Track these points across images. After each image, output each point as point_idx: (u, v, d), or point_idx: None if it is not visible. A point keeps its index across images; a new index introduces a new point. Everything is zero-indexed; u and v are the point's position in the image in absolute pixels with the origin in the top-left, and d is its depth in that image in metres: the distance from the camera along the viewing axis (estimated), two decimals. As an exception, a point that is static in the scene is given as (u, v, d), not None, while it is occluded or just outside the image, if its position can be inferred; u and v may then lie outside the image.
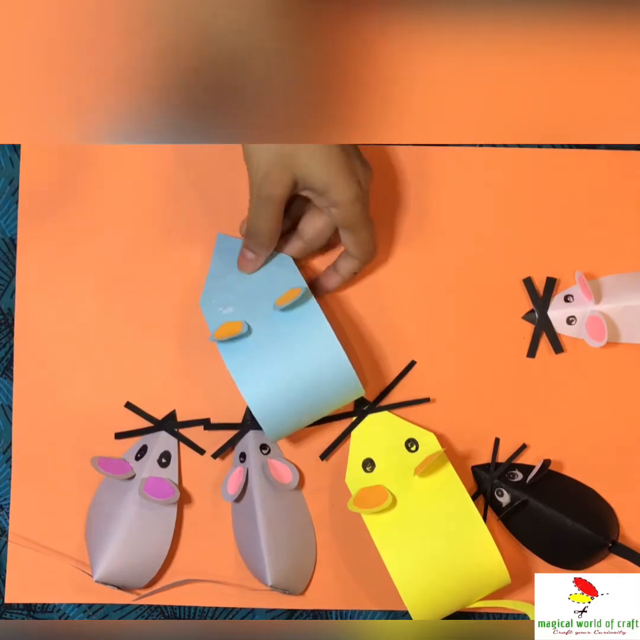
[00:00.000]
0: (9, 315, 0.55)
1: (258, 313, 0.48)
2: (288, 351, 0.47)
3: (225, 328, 0.47)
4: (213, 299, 0.50)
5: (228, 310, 0.49)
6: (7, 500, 0.54)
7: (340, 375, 0.47)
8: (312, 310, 0.47)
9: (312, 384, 0.47)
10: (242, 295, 0.49)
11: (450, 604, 0.50)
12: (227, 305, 0.49)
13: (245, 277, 0.51)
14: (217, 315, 0.49)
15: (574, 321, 0.55)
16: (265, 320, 0.47)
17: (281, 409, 0.47)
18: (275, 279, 0.50)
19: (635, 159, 0.56)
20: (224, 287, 0.50)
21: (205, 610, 0.54)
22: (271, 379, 0.46)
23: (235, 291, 0.50)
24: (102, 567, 0.51)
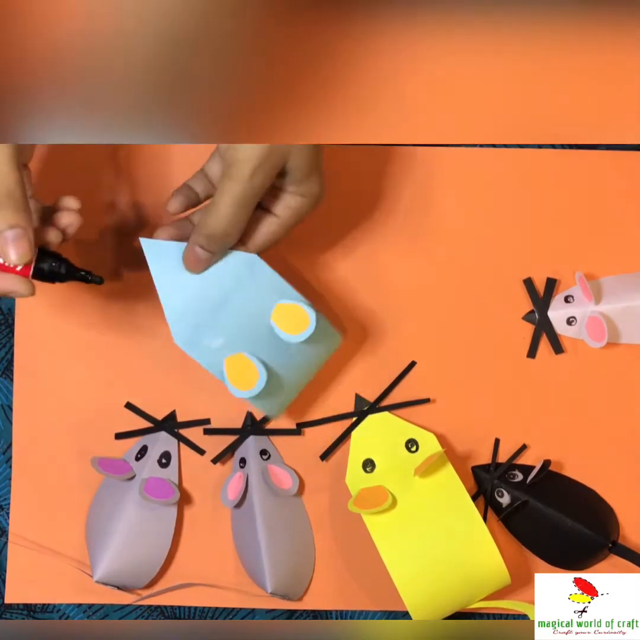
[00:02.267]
0: (9, 315, 0.55)
1: (256, 343, 0.46)
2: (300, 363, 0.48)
3: (237, 374, 0.45)
4: (191, 335, 0.45)
5: (217, 343, 0.45)
6: (7, 500, 0.54)
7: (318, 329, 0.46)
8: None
9: (306, 364, 0.49)
10: (226, 319, 0.45)
11: (450, 604, 0.50)
12: (212, 337, 0.45)
13: (211, 292, 0.45)
14: (208, 353, 0.45)
15: (574, 322, 0.55)
16: (269, 351, 0.46)
17: (282, 396, 0.49)
18: (256, 289, 0.46)
19: (635, 159, 0.56)
20: (194, 311, 0.45)
21: (205, 610, 0.54)
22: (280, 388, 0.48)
23: (213, 313, 0.45)
24: (102, 567, 0.51)
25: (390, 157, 0.55)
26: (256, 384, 0.45)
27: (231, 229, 0.43)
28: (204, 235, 0.44)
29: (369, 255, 0.55)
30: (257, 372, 0.45)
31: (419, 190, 0.56)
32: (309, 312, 0.45)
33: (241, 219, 0.43)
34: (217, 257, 0.45)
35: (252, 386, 0.45)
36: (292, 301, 0.45)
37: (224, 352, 0.45)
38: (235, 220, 0.43)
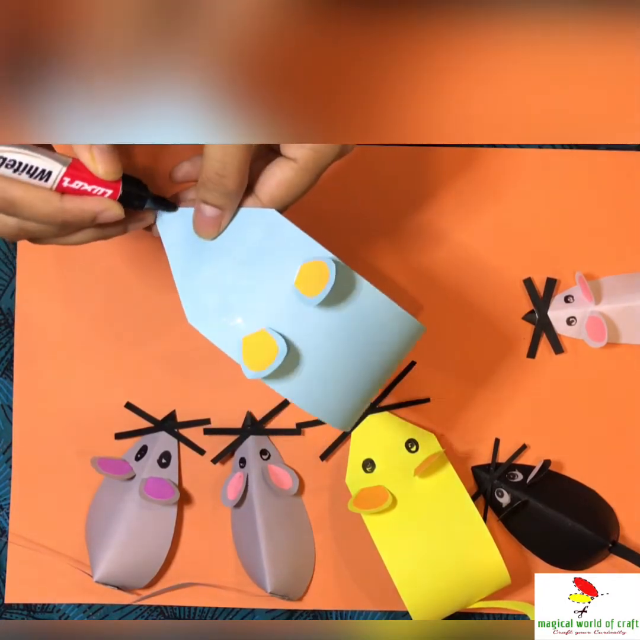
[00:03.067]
0: (9, 315, 0.55)
1: (279, 313, 0.37)
2: (348, 343, 0.38)
3: (253, 354, 0.37)
4: (205, 312, 0.38)
5: (236, 322, 0.37)
6: (7, 500, 0.54)
7: (405, 331, 0.40)
8: (358, 285, 0.38)
9: (379, 361, 0.39)
10: (244, 293, 0.38)
11: (450, 604, 0.50)
12: (229, 313, 0.38)
13: (227, 262, 0.38)
14: (225, 331, 0.38)
15: (574, 322, 0.55)
16: (294, 322, 0.37)
17: (351, 404, 0.40)
18: (274, 252, 0.38)
19: (635, 159, 0.56)
20: (210, 289, 0.38)
21: (205, 610, 0.55)
22: (329, 385, 0.38)
23: (229, 289, 0.38)
24: (102, 567, 0.51)
25: (390, 157, 0.55)
26: (273, 361, 0.36)
27: (226, 170, 0.36)
28: (201, 184, 0.37)
29: (368, 255, 0.55)
30: (277, 348, 0.36)
31: (418, 190, 0.56)
32: (330, 267, 0.36)
33: (237, 156, 0.36)
34: (227, 213, 0.38)
35: (268, 364, 0.36)
36: (318, 259, 0.37)
37: (242, 330, 0.37)
38: (228, 158, 0.36)
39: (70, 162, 0.37)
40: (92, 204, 0.37)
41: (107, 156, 0.37)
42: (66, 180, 0.37)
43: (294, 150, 0.37)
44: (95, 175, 0.37)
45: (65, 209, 0.37)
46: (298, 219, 0.39)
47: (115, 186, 0.38)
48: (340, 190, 0.55)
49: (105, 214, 0.37)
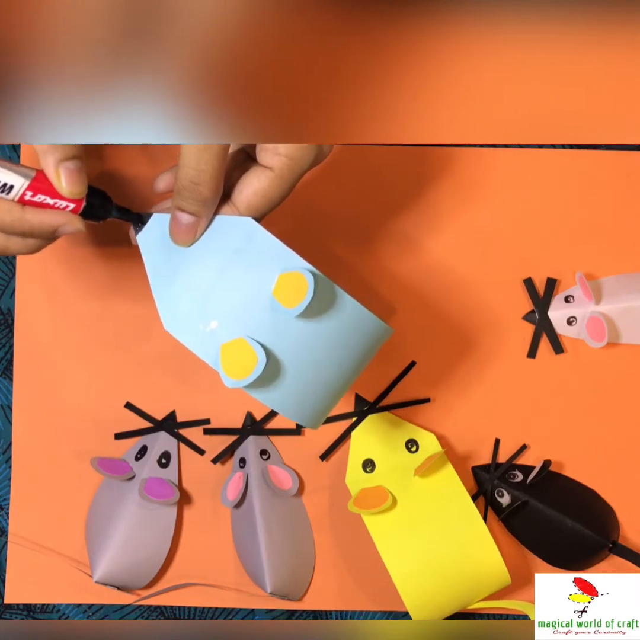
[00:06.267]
0: (9, 315, 0.55)
1: (256, 323, 0.37)
2: (326, 352, 0.39)
3: (232, 363, 0.37)
4: (181, 319, 0.38)
5: (212, 327, 0.38)
6: (7, 500, 0.54)
7: (372, 335, 0.40)
8: (338, 297, 0.38)
9: (350, 363, 0.40)
10: (220, 300, 0.38)
11: (450, 605, 0.50)
12: (205, 319, 0.38)
13: (204, 270, 0.38)
14: (201, 337, 0.38)
15: (575, 322, 0.55)
16: (272, 332, 0.37)
17: (322, 406, 0.41)
18: (251, 261, 0.38)
19: (635, 159, 0.56)
20: (181, 287, 0.39)
21: (205, 610, 0.55)
22: (305, 390, 0.39)
23: (205, 296, 0.38)
24: (102, 567, 0.51)
25: (390, 157, 0.55)
26: (252, 371, 0.37)
27: (201, 178, 0.36)
28: (177, 192, 0.38)
29: (368, 255, 0.55)
30: (256, 358, 0.37)
31: (418, 190, 0.56)
32: (308, 279, 0.36)
33: (211, 163, 0.36)
34: (203, 220, 0.38)
35: (248, 374, 0.37)
36: (296, 270, 0.37)
37: (220, 337, 0.37)
38: (203, 166, 0.36)
39: (33, 176, 0.37)
40: (52, 217, 0.38)
41: (73, 177, 0.37)
42: (28, 194, 0.37)
43: (269, 159, 0.38)
44: (60, 191, 0.37)
45: (25, 220, 0.37)
46: (278, 221, 0.39)
47: (78, 201, 0.38)
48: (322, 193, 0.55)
49: (65, 228, 0.38)
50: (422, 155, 0.55)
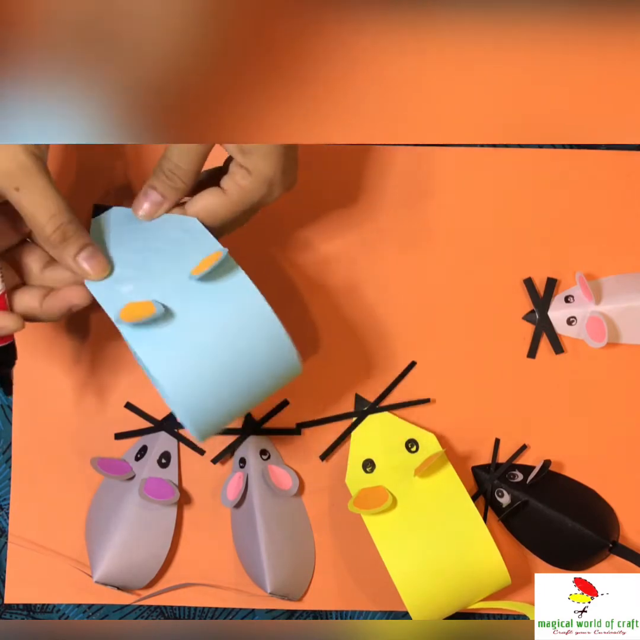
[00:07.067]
0: (9, 315, 0.55)
1: (168, 289, 0.39)
2: (212, 329, 0.39)
3: (131, 309, 0.38)
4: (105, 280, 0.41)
5: (127, 288, 0.40)
6: (7, 500, 0.54)
7: (275, 347, 0.40)
8: (237, 277, 0.40)
9: (244, 363, 0.40)
10: (143, 270, 0.41)
11: (450, 605, 0.50)
12: (124, 281, 0.40)
13: (141, 247, 0.42)
14: (114, 294, 0.40)
15: (575, 322, 0.55)
16: (180, 297, 0.39)
17: (210, 403, 0.40)
18: (184, 247, 0.41)
19: (635, 159, 0.56)
20: (116, 260, 0.41)
21: (205, 610, 0.55)
22: (194, 363, 0.39)
23: (131, 264, 0.41)
24: (101, 567, 0.51)
25: (390, 157, 0.55)
26: (145, 316, 0.38)
27: (178, 170, 0.41)
28: (155, 174, 0.42)
29: (368, 255, 0.55)
30: (154, 309, 0.38)
31: (418, 190, 0.55)
32: (222, 257, 0.38)
33: (191, 162, 0.40)
34: (167, 203, 0.42)
35: (140, 317, 0.38)
36: (215, 251, 0.40)
37: (130, 297, 0.40)
38: (182, 163, 0.40)
39: None
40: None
41: (94, 260, 0.41)
42: None
43: (227, 183, 0.41)
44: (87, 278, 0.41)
45: None
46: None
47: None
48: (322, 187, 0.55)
49: (5, 329, 0.43)
50: (422, 156, 0.55)
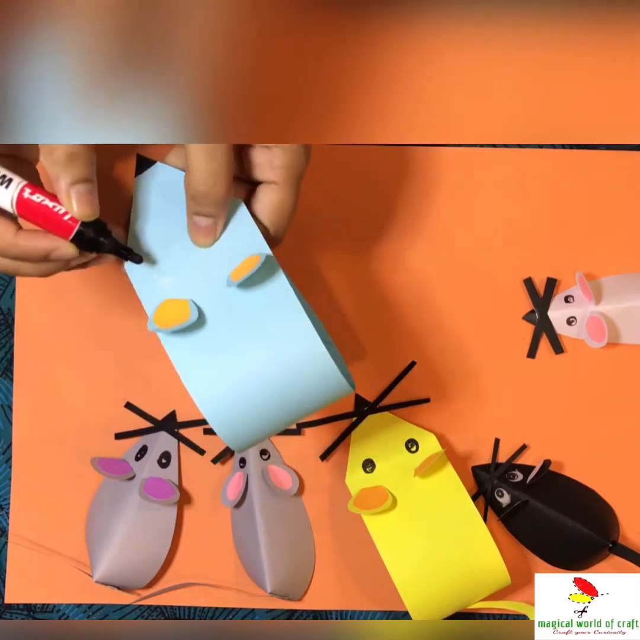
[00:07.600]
0: (9, 315, 0.55)
1: (208, 289, 0.38)
2: (249, 343, 0.37)
3: (167, 312, 0.37)
4: (144, 261, 0.39)
5: (165, 281, 0.39)
6: (7, 500, 0.54)
7: (318, 370, 0.38)
8: (279, 286, 0.37)
9: (283, 384, 0.38)
10: (183, 262, 0.39)
11: (450, 605, 0.50)
12: (163, 272, 0.39)
13: (182, 229, 0.39)
14: (151, 284, 0.39)
15: (574, 322, 0.55)
16: (217, 300, 0.38)
17: (245, 418, 0.38)
18: (231, 240, 0.39)
19: (635, 159, 0.56)
20: (156, 238, 0.40)
21: (205, 610, 0.55)
22: (231, 379, 0.38)
23: (172, 252, 0.39)
24: (102, 567, 0.51)
25: (390, 157, 0.55)
26: (179, 323, 0.37)
27: (212, 179, 0.37)
28: (191, 198, 0.38)
29: (369, 255, 0.55)
30: (189, 314, 0.37)
31: (418, 190, 0.55)
32: (261, 259, 0.36)
33: (222, 161, 0.37)
34: (221, 219, 0.39)
35: (174, 324, 0.37)
36: (257, 254, 0.37)
37: (170, 294, 0.38)
38: (215, 166, 0.37)
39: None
40: (44, 242, 0.38)
41: (83, 199, 0.37)
42: (27, 190, 0.37)
43: (268, 174, 0.39)
44: (72, 214, 0.37)
45: (17, 244, 0.37)
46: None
47: (68, 231, 0.37)
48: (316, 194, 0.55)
49: (57, 253, 0.38)
50: (422, 156, 0.55)
